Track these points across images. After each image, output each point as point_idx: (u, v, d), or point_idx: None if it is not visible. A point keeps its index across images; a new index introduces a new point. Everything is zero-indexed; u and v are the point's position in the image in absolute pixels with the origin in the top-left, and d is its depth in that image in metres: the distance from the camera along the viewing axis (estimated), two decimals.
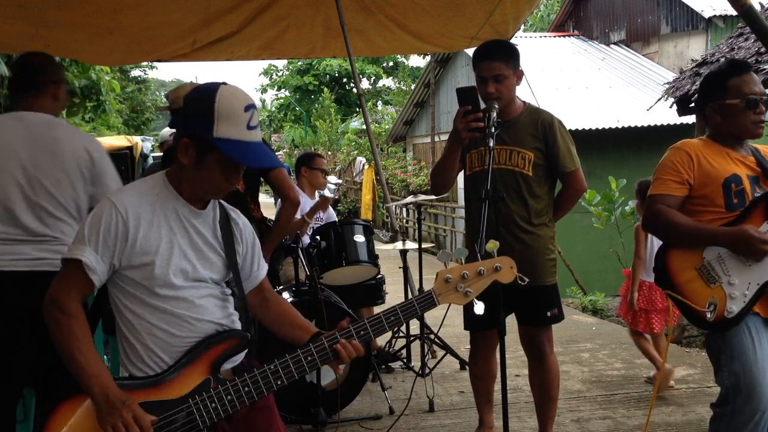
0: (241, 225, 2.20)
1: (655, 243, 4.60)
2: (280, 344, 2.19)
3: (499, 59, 3.27)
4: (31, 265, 2.74)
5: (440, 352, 5.31)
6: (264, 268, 2.29)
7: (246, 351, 2.13)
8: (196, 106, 1.95)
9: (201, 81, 2.20)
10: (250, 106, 1.97)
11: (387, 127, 22.56)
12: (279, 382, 2.02)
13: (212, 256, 2.08)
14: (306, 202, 5.19)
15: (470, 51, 3.98)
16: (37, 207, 2.76)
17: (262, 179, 3.88)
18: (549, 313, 3.43)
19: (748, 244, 2.59)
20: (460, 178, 3.60)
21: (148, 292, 1.99)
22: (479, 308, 2.16)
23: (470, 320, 3.56)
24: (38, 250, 2.76)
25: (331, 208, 5.51)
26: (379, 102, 33.10)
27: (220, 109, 1.92)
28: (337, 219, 5.46)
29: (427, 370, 4.88)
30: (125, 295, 2.00)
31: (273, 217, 4.69)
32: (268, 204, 21.10)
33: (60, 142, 2.81)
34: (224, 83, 2.00)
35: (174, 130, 2.34)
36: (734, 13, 5.87)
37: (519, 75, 3.36)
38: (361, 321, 2.08)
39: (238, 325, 2.13)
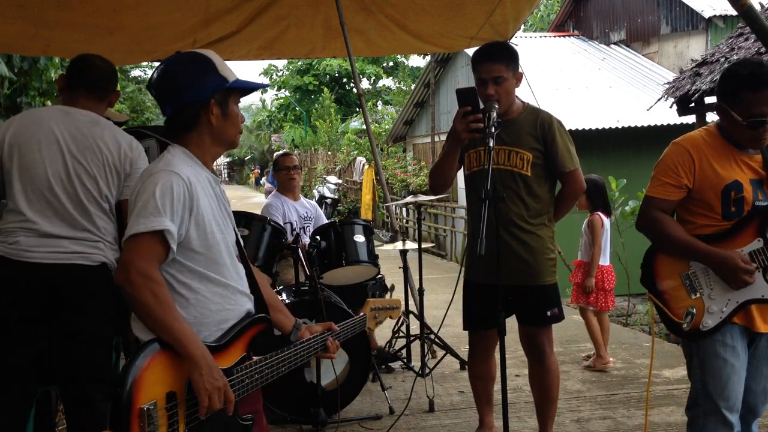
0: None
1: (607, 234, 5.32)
2: None
3: (499, 61, 3.27)
4: (69, 258, 2.77)
5: (440, 352, 5.31)
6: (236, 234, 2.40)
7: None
8: (198, 73, 2.09)
9: None
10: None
11: (387, 127, 22.55)
12: (284, 369, 2.18)
13: (230, 221, 2.19)
14: (287, 202, 5.15)
15: (470, 51, 3.98)
16: (77, 201, 2.81)
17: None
18: (549, 313, 3.43)
19: (733, 272, 2.58)
20: (461, 178, 3.60)
21: (207, 263, 2.04)
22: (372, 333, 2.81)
23: (469, 321, 3.56)
24: (76, 244, 2.79)
25: (321, 211, 5.51)
26: (379, 102, 33.11)
27: (216, 63, 2.12)
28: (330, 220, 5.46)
29: (427, 370, 4.88)
30: (182, 271, 2.02)
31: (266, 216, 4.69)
32: (259, 204, 21.05)
33: (103, 140, 2.87)
34: (178, 52, 2.17)
35: None
36: (734, 13, 5.87)
37: (518, 77, 3.36)
38: (327, 333, 2.44)
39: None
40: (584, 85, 14.45)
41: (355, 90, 26.53)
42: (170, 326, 1.89)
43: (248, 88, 2.20)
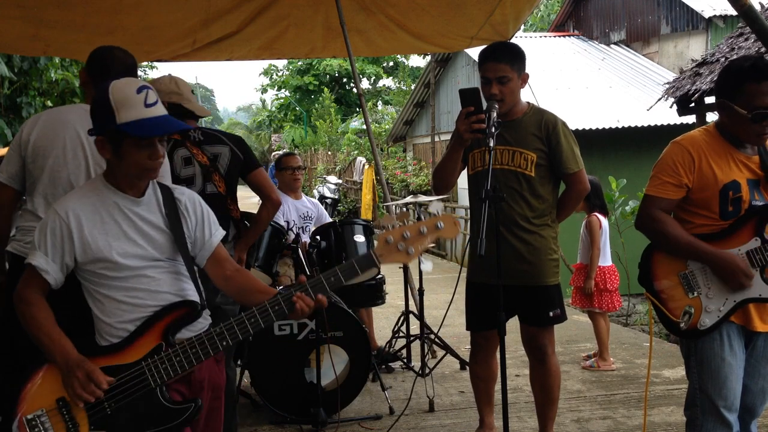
0: (185, 200, 2.36)
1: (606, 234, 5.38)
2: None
3: (504, 61, 3.27)
4: None
5: (440, 352, 5.31)
6: (218, 235, 2.41)
7: (199, 318, 2.30)
8: (97, 106, 2.19)
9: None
10: (143, 88, 2.18)
11: (387, 127, 22.55)
12: (224, 343, 2.19)
13: (159, 237, 2.27)
14: (288, 202, 5.15)
15: (470, 51, 3.99)
16: None
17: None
18: (551, 314, 3.42)
19: (733, 273, 2.58)
20: (462, 178, 3.59)
21: (111, 278, 2.21)
22: (427, 266, 2.22)
23: (472, 321, 3.56)
24: None
25: (323, 208, 5.51)
26: (379, 102, 33.08)
27: (116, 100, 2.14)
28: (330, 219, 5.45)
29: (427, 370, 4.88)
30: (92, 282, 2.24)
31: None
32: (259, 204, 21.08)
33: None
34: (113, 79, 2.22)
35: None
36: (734, 13, 5.86)
37: (524, 78, 3.36)
38: (301, 285, 2.20)
39: (192, 295, 2.31)
40: (584, 85, 14.45)
41: (355, 90, 26.54)
42: (38, 339, 2.18)
43: (140, 136, 2.12)
